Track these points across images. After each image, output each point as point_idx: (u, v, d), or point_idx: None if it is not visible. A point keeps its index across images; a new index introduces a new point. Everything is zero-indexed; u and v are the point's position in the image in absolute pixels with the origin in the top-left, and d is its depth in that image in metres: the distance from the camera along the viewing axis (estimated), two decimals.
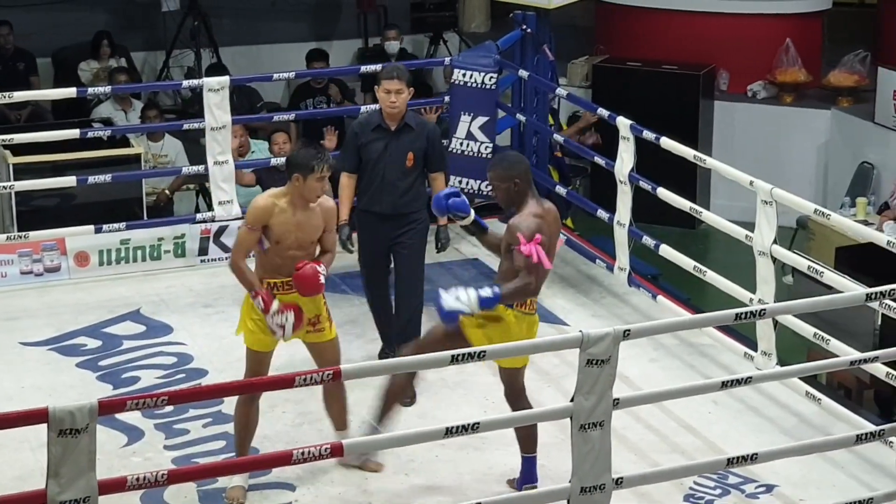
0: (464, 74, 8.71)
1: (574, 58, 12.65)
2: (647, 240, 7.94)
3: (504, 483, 6.16)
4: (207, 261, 8.69)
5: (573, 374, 5.14)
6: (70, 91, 9.04)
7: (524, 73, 8.92)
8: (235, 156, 9.10)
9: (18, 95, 8.87)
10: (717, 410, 6.89)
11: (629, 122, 7.94)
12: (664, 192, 7.76)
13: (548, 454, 6.10)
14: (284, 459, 5.21)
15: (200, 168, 8.73)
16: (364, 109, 8.80)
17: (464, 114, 8.70)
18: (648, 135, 7.82)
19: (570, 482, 5.21)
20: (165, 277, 8.54)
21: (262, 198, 6.12)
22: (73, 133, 8.55)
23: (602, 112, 8.54)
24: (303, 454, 4.92)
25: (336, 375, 5.01)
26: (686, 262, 7.66)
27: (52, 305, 8.15)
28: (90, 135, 8.68)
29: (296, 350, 6.29)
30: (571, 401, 5.16)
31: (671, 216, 8.79)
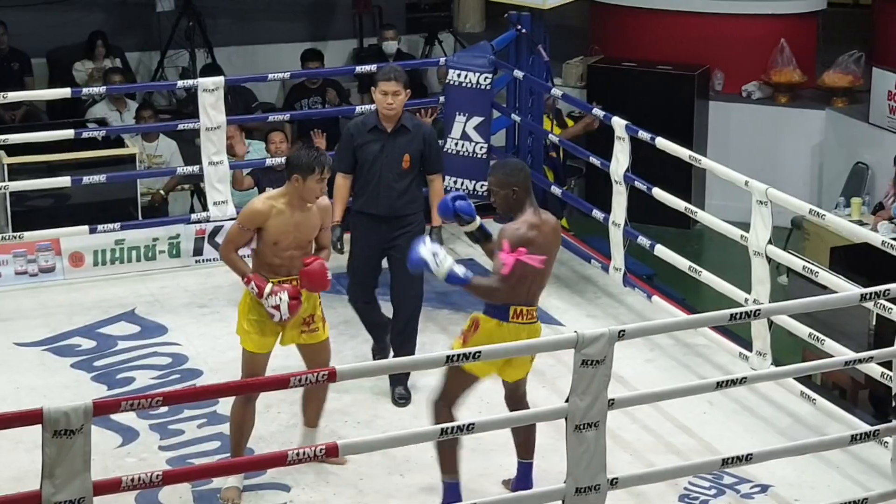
0: (459, 75, 8.70)
1: (569, 58, 12.65)
2: (643, 240, 7.94)
3: (499, 484, 6.16)
4: (202, 261, 8.69)
5: (568, 375, 5.15)
6: (65, 91, 9.03)
7: (519, 74, 8.91)
8: (243, 151, 9.11)
9: (13, 96, 8.86)
10: (713, 411, 6.89)
11: (624, 123, 7.94)
12: (659, 193, 7.76)
13: (543, 455, 6.09)
14: (279, 460, 5.20)
15: (195, 168, 8.73)
16: (359, 110, 8.81)
17: (459, 114, 8.70)
18: (644, 135, 7.82)
19: (566, 482, 5.21)
20: (160, 278, 8.54)
21: (260, 201, 6.09)
22: (68, 133, 8.55)
23: (597, 112, 8.54)
24: (298, 455, 4.92)
25: (332, 376, 5.01)
26: (681, 263, 7.66)
27: (47, 306, 8.15)
28: (85, 135, 8.68)
29: (291, 352, 6.28)
30: (566, 401, 5.16)
31: (666, 216, 8.80)
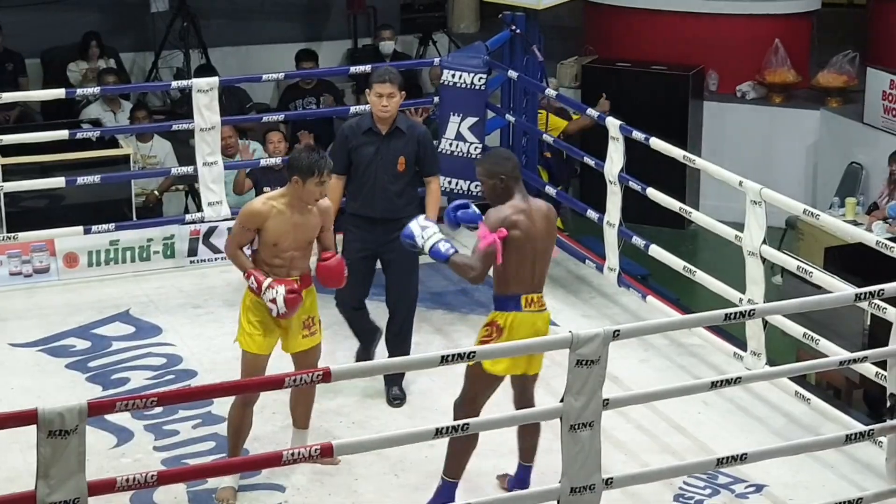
0: (453, 75, 8.69)
1: (563, 58, 12.66)
2: (637, 240, 7.94)
3: (490, 484, 6.14)
4: (197, 262, 8.68)
5: (563, 375, 5.15)
6: (59, 92, 9.03)
7: (513, 74, 8.91)
8: (248, 154, 9.09)
9: (7, 96, 8.85)
10: (707, 411, 6.90)
11: (619, 123, 7.93)
12: (654, 193, 7.77)
13: (538, 455, 6.09)
14: (274, 460, 5.20)
15: (189, 169, 8.72)
16: (354, 111, 8.80)
17: (453, 114, 8.69)
18: (638, 135, 7.82)
19: (560, 482, 5.21)
20: (155, 278, 8.53)
21: (260, 201, 6.09)
22: (62, 134, 8.54)
23: (591, 112, 8.55)
24: (292, 455, 4.92)
25: (326, 377, 5.01)
26: (676, 263, 7.66)
27: (42, 306, 8.14)
28: (79, 136, 8.67)
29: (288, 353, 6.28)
30: (561, 401, 5.16)
31: (661, 216, 8.80)
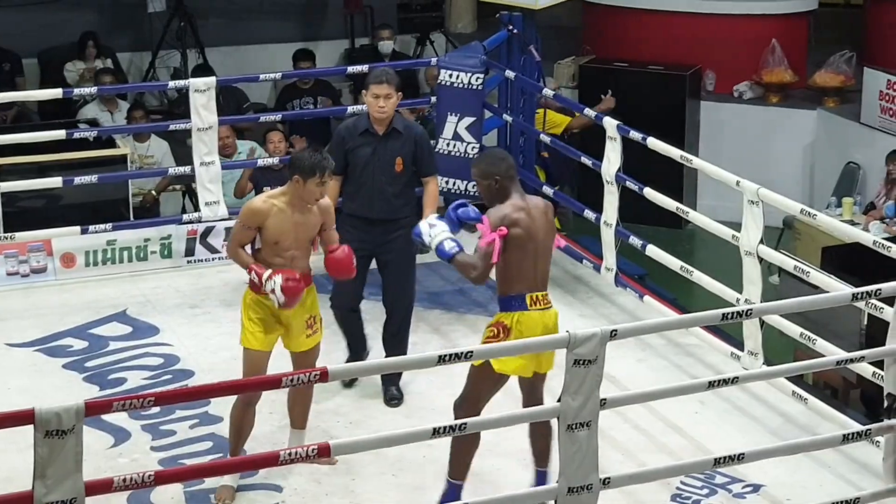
0: (450, 75, 8.69)
1: (561, 58, 12.66)
2: (634, 240, 7.94)
3: (489, 483, 6.14)
4: (194, 262, 8.68)
5: (560, 375, 5.14)
6: (56, 92, 9.02)
7: (511, 74, 8.91)
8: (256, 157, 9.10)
9: (4, 96, 8.87)
10: (704, 410, 6.90)
11: (616, 123, 7.94)
12: (651, 193, 7.76)
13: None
14: (271, 460, 5.20)
15: (187, 169, 8.72)
16: (351, 110, 8.80)
17: (450, 114, 8.69)
18: (635, 135, 7.82)
19: (558, 482, 5.21)
20: (152, 278, 8.52)
21: (260, 199, 6.09)
22: (59, 134, 8.54)
23: (588, 112, 8.54)
24: (290, 455, 4.91)
25: (324, 376, 5.00)
26: (673, 263, 7.66)
27: (39, 306, 8.13)
28: (76, 136, 8.66)
29: (283, 352, 6.27)
30: (558, 401, 5.16)
31: (658, 216, 8.79)
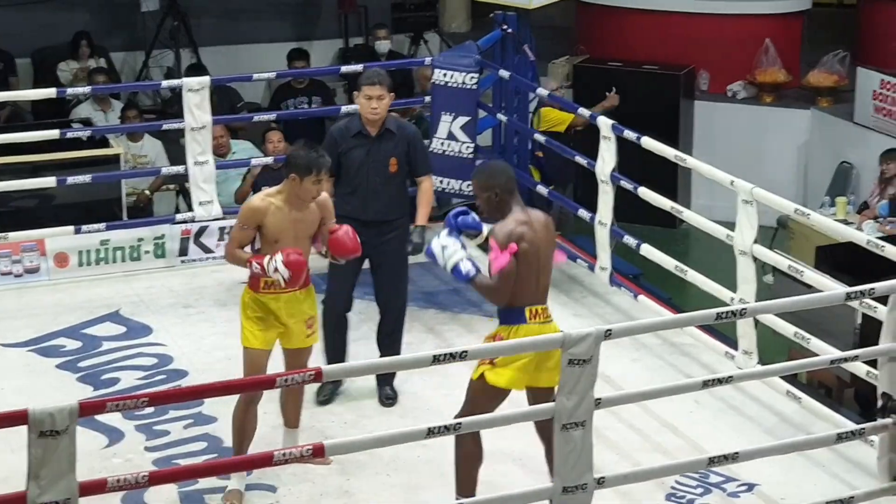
0: (445, 74, 8.69)
1: (555, 58, 12.66)
2: (629, 239, 7.94)
3: (483, 483, 6.13)
4: (187, 261, 8.67)
5: None
6: (49, 91, 9.00)
7: (505, 74, 8.91)
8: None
9: None
10: (699, 410, 6.90)
11: (610, 122, 7.94)
12: (645, 192, 7.77)
13: (529, 454, 6.09)
14: (266, 460, 5.19)
15: (180, 168, 8.71)
16: (345, 110, 8.79)
17: (445, 114, 8.69)
18: (629, 134, 7.82)
19: (553, 482, 5.21)
20: (145, 278, 8.51)
21: (258, 198, 6.08)
22: (53, 133, 8.53)
23: (583, 112, 8.54)
24: (284, 455, 4.91)
25: (318, 376, 5.00)
26: (667, 262, 7.66)
27: (32, 306, 8.12)
28: (70, 135, 8.66)
29: (277, 351, 6.26)
30: (553, 401, 5.16)
31: (652, 216, 8.80)
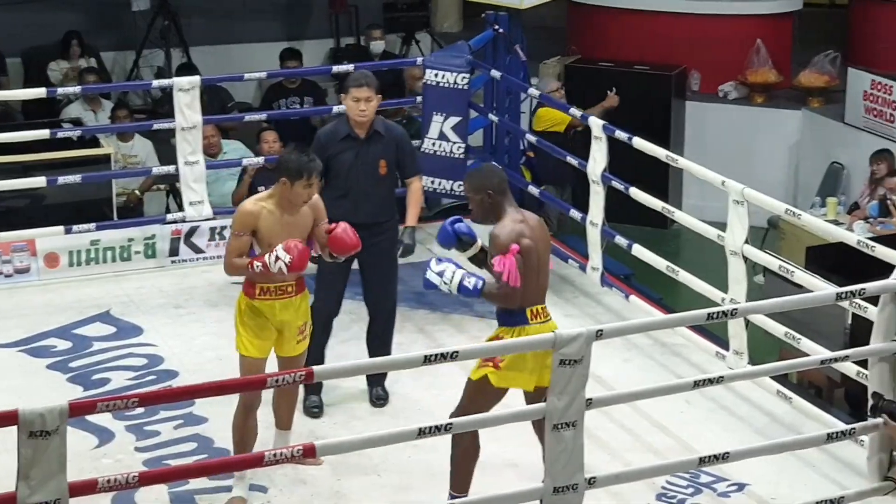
0: (436, 74, 8.69)
1: (546, 58, 12.66)
2: (620, 239, 7.94)
3: (477, 484, 6.13)
4: (178, 262, 8.65)
5: None
6: (40, 91, 8.99)
7: (496, 74, 8.91)
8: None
9: None
10: (690, 410, 6.90)
11: (601, 122, 7.95)
12: (636, 192, 7.77)
13: (521, 454, 6.09)
14: (256, 461, 5.19)
15: (171, 168, 8.70)
16: (336, 110, 8.78)
17: (436, 114, 8.68)
18: (621, 135, 7.83)
19: (543, 482, 5.22)
20: (136, 278, 8.50)
21: (250, 202, 6.04)
22: (43, 133, 8.52)
23: (574, 112, 8.53)
24: (275, 456, 4.91)
25: (308, 377, 5.00)
26: (658, 262, 7.67)
27: (22, 306, 8.10)
28: (60, 135, 8.65)
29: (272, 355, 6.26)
30: (544, 401, 5.16)
31: (643, 216, 8.81)
